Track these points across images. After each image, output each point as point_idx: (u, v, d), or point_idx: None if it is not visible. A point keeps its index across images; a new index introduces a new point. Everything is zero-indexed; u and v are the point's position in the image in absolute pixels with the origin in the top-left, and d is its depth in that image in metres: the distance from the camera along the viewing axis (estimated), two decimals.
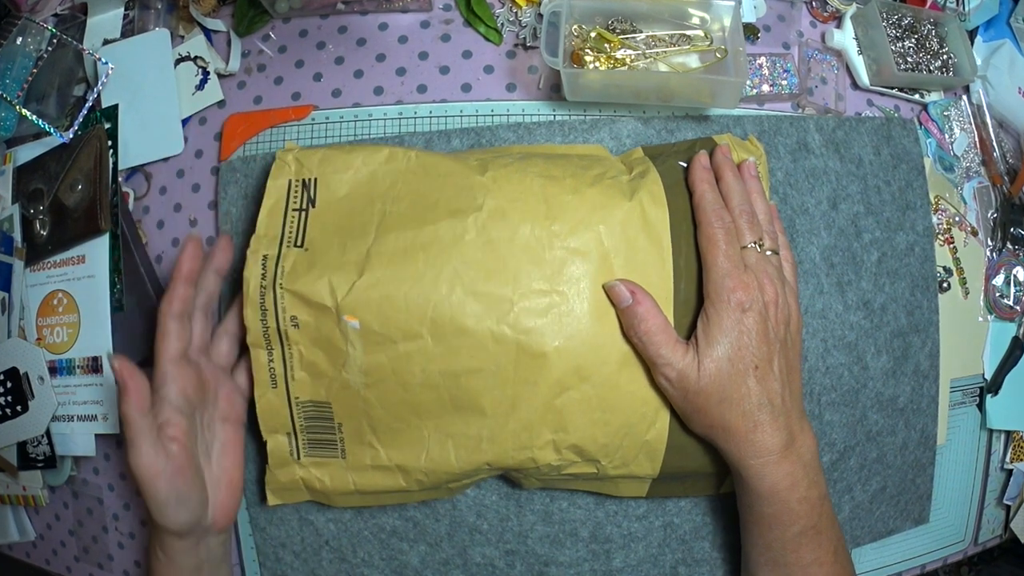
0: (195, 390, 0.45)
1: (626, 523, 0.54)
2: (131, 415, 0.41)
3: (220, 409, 0.47)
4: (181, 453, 0.43)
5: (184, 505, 0.43)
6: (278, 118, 0.55)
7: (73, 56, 0.59)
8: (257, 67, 0.57)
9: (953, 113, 0.62)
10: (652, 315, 0.43)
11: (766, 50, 0.58)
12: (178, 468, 0.42)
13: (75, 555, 0.61)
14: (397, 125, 0.55)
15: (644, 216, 0.45)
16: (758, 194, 0.48)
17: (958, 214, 0.61)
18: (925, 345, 0.58)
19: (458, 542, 0.54)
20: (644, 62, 0.52)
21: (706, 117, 0.55)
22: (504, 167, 0.47)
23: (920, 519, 0.59)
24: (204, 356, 0.47)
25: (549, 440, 0.45)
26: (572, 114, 0.55)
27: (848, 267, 0.56)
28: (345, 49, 0.56)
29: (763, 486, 0.43)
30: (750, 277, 0.43)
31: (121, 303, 0.54)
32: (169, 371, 0.44)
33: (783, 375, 0.44)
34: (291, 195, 0.47)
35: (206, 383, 0.46)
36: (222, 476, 0.46)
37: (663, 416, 0.45)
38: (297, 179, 0.48)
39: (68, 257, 0.56)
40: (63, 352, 0.55)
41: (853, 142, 0.57)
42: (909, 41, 0.59)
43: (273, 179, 0.48)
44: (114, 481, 0.58)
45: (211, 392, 0.47)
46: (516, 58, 0.56)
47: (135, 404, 0.41)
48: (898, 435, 0.57)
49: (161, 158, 0.57)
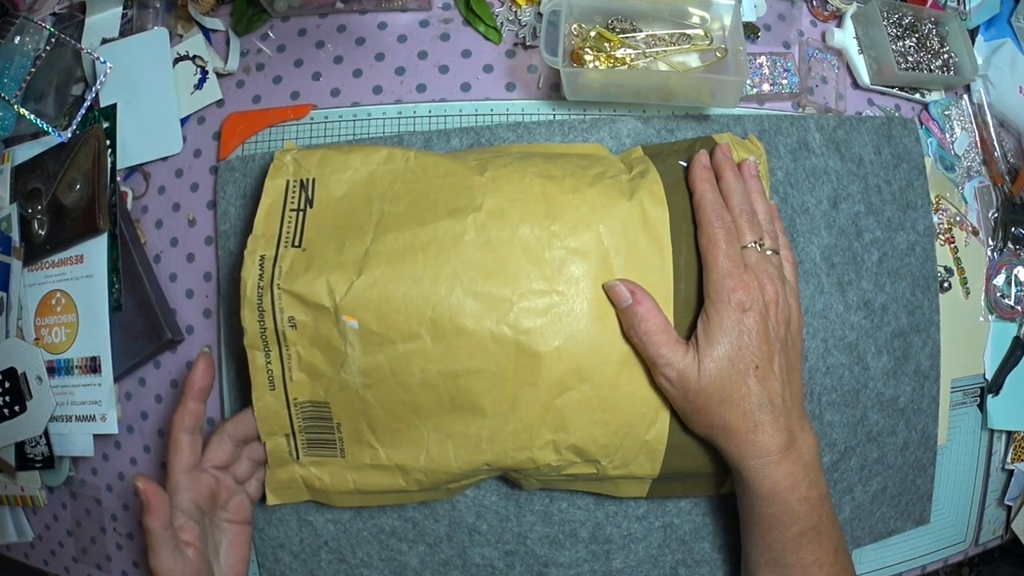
0: (206, 499, 0.47)
1: (626, 524, 0.53)
2: (154, 529, 0.43)
3: (230, 512, 0.49)
4: (196, 556, 0.45)
5: None
6: (277, 117, 0.55)
7: (71, 55, 0.58)
8: (256, 66, 0.57)
9: (954, 112, 0.61)
10: (652, 315, 0.43)
11: (766, 49, 0.58)
12: (194, 570, 0.45)
13: (73, 556, 0.60)
14: (396, 124, 0.55)
15: (644, 216, 0.45)
16: (758, 193, 0.48)
17: (959, 214, 0.61)
18: (926, 345, 0.58)
19: (457, 543, 0.53)
20: (644, 61, 0.52)
21: (706, 116, 0.55)
22: (503, 167, 0.47)
23: (921, 520, 0.58)
24: (216, 471, 0.49)
25: (549, 440, 0.45)
26: (572, 113, 0.55)
27: (849, 267, 0.55)
28: (344, 48, 0.56)
29: (763, 486, 0.43)
30: (750, 277, 0.43)
31: (120, 303, 0.54)
32: (182, 481, 0.46)
33: (783, 375, 0.44)
34: (289, 195, 0.47)
35: (217, 493, 0.48)
36: (229, 571, 0.49)
37: (663, 416, 0.45)
38: (295, 179, 0.48)
39: (66, 257, 0.56)
40: (61, 352, 0.55)
41: (854, 141, 0.57)
42: (910, 40, 0.58)
43: (271, 179, 0.48)
44: (112, 482, 0.58)
45: (222, 499, 0.49)
46: (516, 57, 0.56)
47: (158, 520, 0.43)
48: (899, 435, 0.57)
49: (160, 157, 0.57)
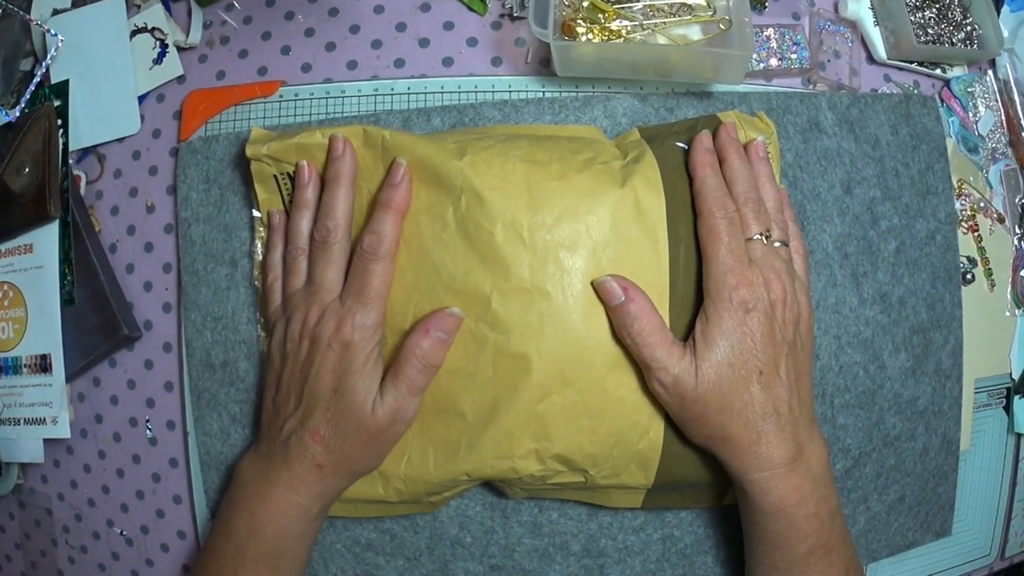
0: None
1: (621, 536, 0.52)
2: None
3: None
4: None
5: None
6: (243, 95, 0.54)
7: (20, 27, 0.57)
8: (220, 39, 0.55)
9: (978, 89, 0.60)
10: (646, 314, 0.41)
11: (774, 21, 0.56)
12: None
13: (22, 570, 0.59)
14: (372, 102, 0.53)
15: (637, 205, 0.44)
16: (767, 178, 0.47)
17: (983, 199, 0.59)
18: (947, 342, 0.56)
19: (439, 556, 0.52)
20: (641, 34, 0.51)
21: (709, 94, 0.54)
22: (484, 150, 0.45)
23: (942, 531, 0.57)
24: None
25: (531, 449, 0.44)
26: (563, 90, 0.53)
27: (863, 257, 0.54)
28: (316, 20, 0.54)
29: (768, 501, 0.41)
30: (755, 273, 0.42)
31: (72, 296, 0.53)
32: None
33: (791, 380, 0.42)
34: (282, 188, 0.48)
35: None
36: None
37: (657, 424, 0.44)
38: (281, 173, 0.47)
39: (14, 246, 0.55)
40: (9, 349, 0.54)
41: (869, 121, 0.55)
42: (930, 11, 0.57)
43: (258, 179, 0.48)
44: (64, 490, 0.56)
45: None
46: (502, 30, 0.54)
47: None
48: (918, 440, 0.55)
49: (115, 138, 0.55)
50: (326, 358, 0.42)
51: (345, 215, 0.44)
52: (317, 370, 0.42)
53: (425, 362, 0.41)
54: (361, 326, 0.42)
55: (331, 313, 0.42)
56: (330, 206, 0.44)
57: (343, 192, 0.44)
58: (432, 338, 0.41)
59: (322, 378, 0.42)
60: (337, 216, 0.44)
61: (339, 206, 0.44)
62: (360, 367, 0.41)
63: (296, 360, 0.43)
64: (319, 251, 0.44)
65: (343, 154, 0.45)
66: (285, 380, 0.44)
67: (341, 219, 0.44)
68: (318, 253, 0.44)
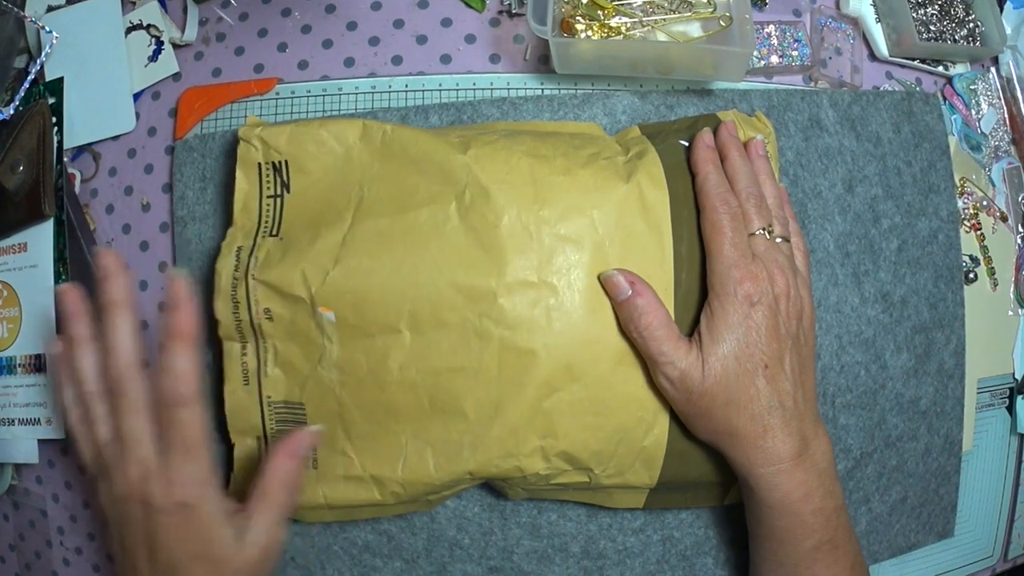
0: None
1: (621, 537, 0.52)
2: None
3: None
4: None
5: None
6: (239, 92, 0.53)
7: (13, 24, 0.56)
8: (216, 36, 0.55)
9: (980, 87, 0.60)
10: (653, 308, 0.41)
11: (775, 17, 0.56)
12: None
13: (16, 572, 0.58)
14: (370, 100, 0.53)
15: (642, 200, 0.44)
16: (767, 175, 0.47)
17: (986, 198, 0.59)
18: (950, 342, 0.56)
19: (437, 558, 0.51)
20: (641, 31, 0.51)
21: (709, 91, 0.53)
22: (488, 144, 0.45)
23: (944, 532, 0.57)
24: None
25: (537, 447, 0.43)
26: (562, 88, 0.53)
27: (865, 256, 0.54)
28: (312, 16, 0.54)
29: (774, 496, 0.41)
30: (759, 267, 0.42)
31: None
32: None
33: (795, 374, 0.42)
34: (263, 181, 0.47)
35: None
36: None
37: (662, 420, 0.44)
38: (267, 162, 0.47)
39: (8, 245, 0.54)
40: (3, 349, 0.53)
41: (870, 119, 0.55)
42: (932, 7, 0.57)
43: (242, 166, 0.47)
44: (59, 491, 0.55)
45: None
46: (500, 26, 0.54)
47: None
48: (920, 440, 0.55)
49: (111, 136, 0.55)
50: (169, 526, 0.37)
51: (133, 350, 0.38)
52: (165, 540, 0.37)
53: (292, 485, 0.40)
54: (193, 481, 0.37)
55: (155, 472, 0.37)
56: (112, 344, 0.38)
57: (123, 321, 0.39)
58: (298, 460, 0.40)
59: (174, 548, 0.37)
60: (124, 355, 0.38)
61: (123, 342, 0.38)
62: (210, 523, 0.38)
63: (136, 526, 0.38)
64: (116, 400, 0.38)
65: (116, 271, 0.39)
66: (130, 548, 0.39)
67: (130, 357, 0.38)
68: (116, 401, 0.38)
